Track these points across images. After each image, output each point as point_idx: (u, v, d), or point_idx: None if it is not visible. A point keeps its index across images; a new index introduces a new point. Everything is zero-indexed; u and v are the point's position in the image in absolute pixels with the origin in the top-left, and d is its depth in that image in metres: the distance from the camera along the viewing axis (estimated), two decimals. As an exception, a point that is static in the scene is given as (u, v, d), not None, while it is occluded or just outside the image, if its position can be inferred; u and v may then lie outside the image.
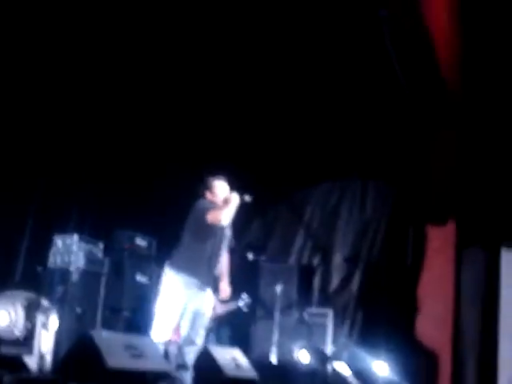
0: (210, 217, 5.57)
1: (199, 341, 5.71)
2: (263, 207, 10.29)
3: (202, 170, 6.19)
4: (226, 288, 5.99)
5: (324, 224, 10.01)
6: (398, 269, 9.09)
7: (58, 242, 7.44)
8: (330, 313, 8.91)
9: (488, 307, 8.52)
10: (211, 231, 5.66)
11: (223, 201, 5.71)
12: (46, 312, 4.67)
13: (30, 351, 4.45)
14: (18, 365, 4.31)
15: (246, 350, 6.90)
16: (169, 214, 8.13)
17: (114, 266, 7.86)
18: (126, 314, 7.67)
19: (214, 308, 7.60)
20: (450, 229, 8.86)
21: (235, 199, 5.62)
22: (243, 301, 7.85)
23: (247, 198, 5.75)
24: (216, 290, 5.92)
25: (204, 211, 5.60)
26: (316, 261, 9.89)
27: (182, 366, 5.57)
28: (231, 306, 7.84)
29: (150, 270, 8.15)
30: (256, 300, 8.92)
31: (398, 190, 9.43)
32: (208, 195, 5.84)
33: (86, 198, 8.45)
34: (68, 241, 7.42)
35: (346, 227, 9.85)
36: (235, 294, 8.45)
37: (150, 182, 8.91)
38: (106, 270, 7.68)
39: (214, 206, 5.71)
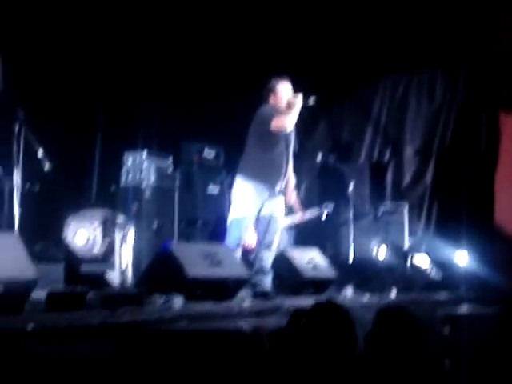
0: (274, 124, 5.47)
1: (275, 245, 5.72)
2: (329, 106, 10.09)
3: (265, 74, 6.04)
4: (292, 193, 5.96)
5: (393, 118, 9.76)
6: (473, 157, 8.86)
7: (129, 159, 7.49)
8: (405, 207, 8.80)
9: None
10: (276, 138, 5.57)
11: (287, 105, 5.58)
12: (124, 227, 4.73)
13: (110, 267, 4.54)
14: (100, 281, 4.41)
15: (324, 252, 6.88)
16: (234, 122, 8.04)
17: (185, 179, 7.89)
18: (200, 225, 7.74)
19: (293, 216, 7.60)
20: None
21: (299, 102, 5.49)
22: (323, 209, 7.75)
23: (311, 100, 5.59)
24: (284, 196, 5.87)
25: (268, 118, 5.50)
26: (387, 157, 9.71)
27: (260, 271, 5.60)
28: (310, 214, 7.79)
29: (221, 181, 8.15)
30: (329, 202, 8.86)
31: (468, 75, 9.08)
32: (272, 99, 5.70)
33: (152, 113, 8.45)
34: (138, 158, 7.46)
35: (416, 119, 9.59)
36: (309, 200, 8.44)
37: (214, 91, 8.81)
38: (177, 183, 7.73)
39: (277, 111, 5.58)
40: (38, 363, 2.91)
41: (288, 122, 5.47)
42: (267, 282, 5.59)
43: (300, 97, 5.51)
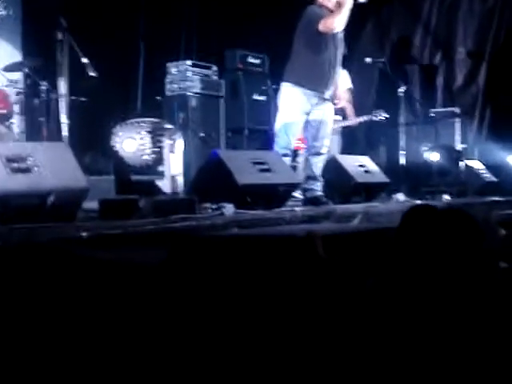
0: (323, 24, 5.22)
1: (325, 150, 5.62)
2: (376, 7, 9.73)
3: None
4: (344, 96, 5.79)
5: (443, 18, 9.39)
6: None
7: (173, 69, 7.42)
8: (457, 111, 8.56)
9: None
10: (325, 40, 5.35)
11: (336, 3, 5.32)
12: (172, 135, 4.67)
13: (160, 174, 4.51)
14: (152, 188, 4.39)
15: (375, 157, 6.77)
16: (278, 26, 7.82)
17: (230, 87, 7.79)
18: (247, 133, 7.66)
19: (344, 121, 7.44)
20: None
21: (349, 1, 5.23)
22: (374, 115, 7.54)
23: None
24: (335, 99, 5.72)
25: (316, 18, 5.27)
26: (438, 59, 9.40)
27: (311, 177, 5.53)
28: (362, 119, 7.61)
29: (266, 88, 8.01)
30: (380, 107, 8.67)
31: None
32: None
33: (193, 22, 8.30)
34: (182, 67, 7.38)
35: (468, 19, 9.21)
36: (360, 104, 8.23)
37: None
38: (222, 92, 7.64)
39: (325, 12, 5.35)
40: (92, 270, 2.92)
41: (338, 22, 5.24)
42: (318, 187, 5.52)
43: None
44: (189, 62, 7.40)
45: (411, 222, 2.65)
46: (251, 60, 8.13)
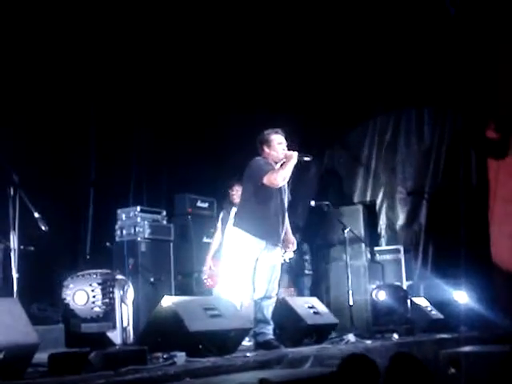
0: (267, 179, 5.36)
1: (275, 293, 5.68)
2: (318, 150, 10.16)
3: (255, 124, 6.06)
4: (291, 240, 5.90)
5: (383, 160, 9.85)
6: (466, 194, 8.91)
7: (122, 215, 7.52)
8: (401, 248, 8.82)
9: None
10: (270, 191, 5.49)
11: (280, 159, 5.52)
12: (122, 285, 4.70)
13: (111, 326, 4.50)
14: (102, 340, 4.36)
15: (323, 297, 6.87)
16: (225, 171, 8.10)
17: (180, 232, 7.92)
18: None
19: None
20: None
21: (294, 158, 5.44)
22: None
23: (306, 157, 5.53)
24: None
25: (260, 173, 5.41)
26: (380, 198, 9.76)
27: (261, 320, 5.55)
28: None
29: (215, 230, 8.15)
30: (326, 245, 8.91)
31: (455, 113, 9.18)
32: (265, 150, 5.60)
33: (142, 170, 8.51)
34: (131, 213, 7.49)
35: (406, 160, 9.69)
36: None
37: (201, 143, 8.90)
38: (172, 236, 7.74)
39: (270, 165, 5.53)
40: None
41: (281, 178, 5.38)
42: (269, 331, 5.54)
43: (295, 153, 5.43)
44: (138, 208, 7.51)
45: (347, 371, 2.76)
46: (200, 204, 8.32)
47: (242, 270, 5.52)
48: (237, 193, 6.77)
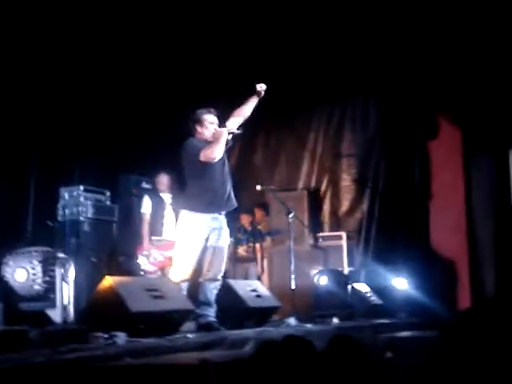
0: (203, 156, 5.47)
1: (220, 276, 5.71)
2: (266, 136, 10.19)
3: (193, 104, 6.04)
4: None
5: (328, 147, 9.91)
6: (408, 183, 9.08)
7: (65, 194, 7.40)
8: (344, 235, 8.93)
9: (500, 211, 8.55)
10: (209, 167, 5.57)
11: (213, 135, 5.60)
12: (64, 264, 4.66)
13: (52, 304, 4.46)
14: (42, 319, 4.32)
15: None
16: (168, 152, 8.04)
17: (124, 212, 7.85)
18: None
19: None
20: (456, 137, 8.82)
21: (225, 132, 5.54)
22: None
23: (237, 130, 5.67)
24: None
25: (195, 151, 5.50)
26: (324, 185, 9.84)
27: (204, 303, 5.57)
28: None
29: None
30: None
31: (398, 102, 9.31)
32: (198, 130, 5.68)
33: (87, 149, 8.39)
34: (74, 193, 7.38)
35: (351, 148, 9.76)
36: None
37: (145, 124, 8.85)
38: (115, 217, 7.68)
39: (203, 143, 5.59)
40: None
41: (217, 152, 5.48)
42: (212, 313, 5.57)
43: (225, 129, 5.56)
44: (81, 187, 7.42)
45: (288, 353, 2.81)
46: (145, 184, 8.25)
47: (190, 250, 5.52)
48: (162, 181, 7.50)
